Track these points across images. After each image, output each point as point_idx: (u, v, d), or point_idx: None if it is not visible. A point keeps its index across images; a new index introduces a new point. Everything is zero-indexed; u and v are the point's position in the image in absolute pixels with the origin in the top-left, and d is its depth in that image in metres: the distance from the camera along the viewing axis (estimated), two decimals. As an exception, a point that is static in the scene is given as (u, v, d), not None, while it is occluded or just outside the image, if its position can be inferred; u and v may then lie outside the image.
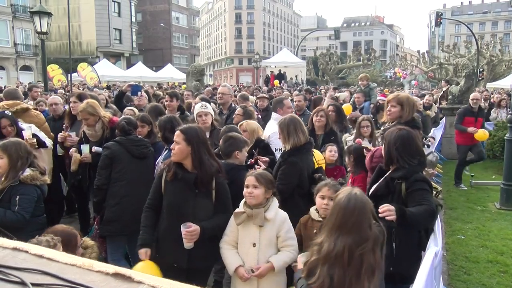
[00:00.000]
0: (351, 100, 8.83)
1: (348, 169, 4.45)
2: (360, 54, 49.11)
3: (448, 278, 4.64)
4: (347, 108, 8.19)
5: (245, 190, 3.00)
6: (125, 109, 5.72)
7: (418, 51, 55.92)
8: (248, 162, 3.97)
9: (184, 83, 22.52)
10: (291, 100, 7.14)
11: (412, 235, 3.12)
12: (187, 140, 3.06)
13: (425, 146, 4.65)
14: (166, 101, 6.21)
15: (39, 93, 9.12)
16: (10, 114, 4.67)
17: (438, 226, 3.32)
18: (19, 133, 4.55)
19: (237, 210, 3.05)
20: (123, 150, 4.11)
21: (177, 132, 3.14)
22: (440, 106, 12.10)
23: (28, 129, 4.68)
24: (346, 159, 4.41)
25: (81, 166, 4.81)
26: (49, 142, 5.05)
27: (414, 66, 49.74)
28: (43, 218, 3.63)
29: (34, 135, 4.69)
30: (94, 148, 4.66)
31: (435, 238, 3.20)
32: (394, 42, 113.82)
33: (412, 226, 2.98)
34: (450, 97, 11.50)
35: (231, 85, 11.12)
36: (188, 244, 2.95)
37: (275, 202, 3.09)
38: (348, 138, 5.36)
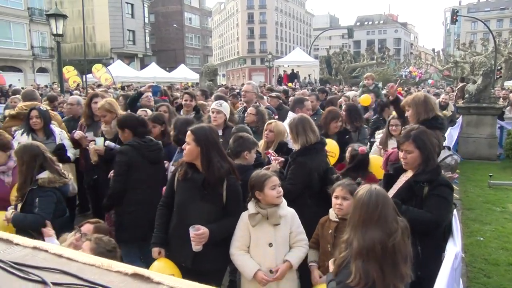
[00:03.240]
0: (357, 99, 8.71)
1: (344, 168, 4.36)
2: (373, 53, 48.65)
3: (468, 280, 4.54)
4: (366, 99, 8.04)
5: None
6: (138, 111, 5.72)
7: (433, 50, 55.27)
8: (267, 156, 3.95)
9: (197, 83, 22.62)
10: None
11: (436, 237, 3.04)
12: (197, 140, 3.04)
13: (445, 148, 4.50)
14: (186, 100, 6.21)
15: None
16: (44, 109, 4.88)
17: (456, 227, 3.25)
18: (46, 127, 4.88)
19: (250, 212, 3.02)
20: (139, 155, 3.95)
21: (188, 133, 3.12)
22: (457, 105, 11.93)
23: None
24: (347, 157, 4.34)
25: (98, 166, 4.86)
26: (71, 153, 5.09)
27: (429, 65, 49.16)
28: (66, 218, 3.70)
29: (59, 149, 4.75)
30: (107, 142, 4.75)
31: (454, 239, 3.12)
32: (408, 41, 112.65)
33: None
34: (466, 95, 11.32)
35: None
36: (196, 247, 2.90)
37: (283, 199, 3.09)
38: (378, 136, 5.27)
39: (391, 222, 2.20)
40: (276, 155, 4.02)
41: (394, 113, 5.23)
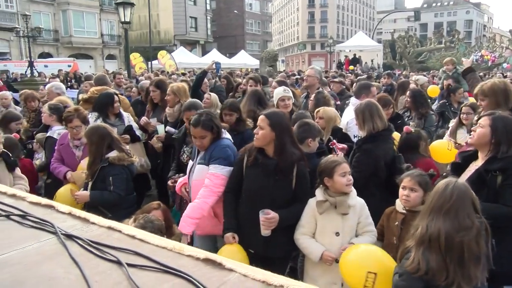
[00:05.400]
0: (440, 87, 8.20)
1: None
2: (442, 36, 45.86)
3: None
4: (433, 90, 7.62)
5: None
6: (205, 96, 5.74)
7: (510, 31, 50.98)
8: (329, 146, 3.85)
9: (257, 69, 22.67)
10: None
11: None
12: (272, 125, 3.00)
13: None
14: (250, 86, 6.22)
15: (122, 80, 9.69)
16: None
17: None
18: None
19: (318, 199, 2.96)
20: None
21: (262, 117, 3.07)
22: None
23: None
24: None
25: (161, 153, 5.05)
26: (139, 134, 5.31)
27: (504, 48, 45.43)
28: (133, 197, 3.88)
29: (128, 130, 4.97)
30: (167, 128, 4.89)
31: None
32: (481, 22, 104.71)
33: None
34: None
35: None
36: (265, 231, 2.93)
37: (353, 188, 3.00)
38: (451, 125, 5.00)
39: (463, 217, 2.08)
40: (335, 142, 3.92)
41: (464, 100, 4.87)
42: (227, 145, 3.35)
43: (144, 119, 5.41)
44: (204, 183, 3.22)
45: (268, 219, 2.88)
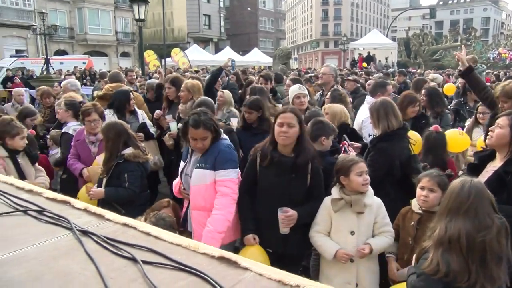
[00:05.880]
0: (456, 85, 8.08)
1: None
2: (458, 34, 45.20)
3: None
4: (449, 88, 7.51)
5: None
6: (219, 93, 5.69)
7: (529, 29, 49.92)
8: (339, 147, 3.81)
9: (270, 67, 22.62)
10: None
11: None
12: (300, 122, 2.99)
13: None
14: (261, 83, 6.21)
15: (134, 77, 9.73)
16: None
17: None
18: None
19: (333, 196, 2.94)
20: None
21: (290, 114, 2.99)
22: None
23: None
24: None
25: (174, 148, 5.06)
26: (153, 131, 5.35)
27: (523, 46, 44.54)
28: (147, 194, 3.91)
29: (142, 128, 5.01)
30: (180, 125, 4.85)
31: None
32: (498, 20, 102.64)
33: None
34: None
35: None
36: (284, 229, 2.93)
37: (370, 187, 2.96)
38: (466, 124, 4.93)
39: (483, 216, 2.03)
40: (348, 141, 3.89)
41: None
42: (229, 144, 3.17)
43: (157, 112, 5.43)
44: (205, 188, 3.02)
45: (287, 216, 2.87)
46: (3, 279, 0.98)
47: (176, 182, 3.46)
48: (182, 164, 3.33)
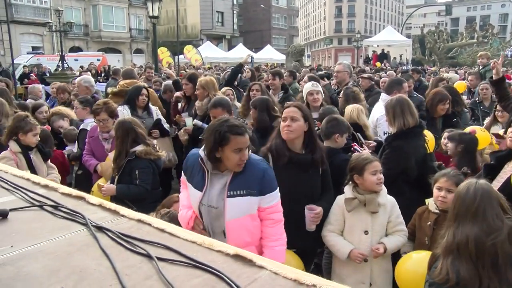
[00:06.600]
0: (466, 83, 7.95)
1: (451, 159, 3.89)
2: (474, 31, 44.37)
3: None
4: (460, 85, 7.41)
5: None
6: (224, 89, 5.72)
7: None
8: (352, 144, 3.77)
9: (283, 64, 22.55)
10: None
11: None
12: (305, 117, 2.93)
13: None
14: (272, 79, 6.19)
15: (152, 74, 9.80)
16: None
17: None
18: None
19: (347, 196, 2.91)
20: None
21: (293, 109, 2.96)
22: None
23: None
24: (450, 146, 3.80)
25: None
26: (167, 126, 5.39)
27: (542, 43, 43.55)
28: (159, 191, 3.89)
29: (157, 124, 5.04)
30: (195, 121, 4.90)
31: None
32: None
33: None
34: None
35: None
36: (312, 227, 2.90)
37: (384, 187, 2.93)
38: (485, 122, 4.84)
39: (492, 219, 1.97)
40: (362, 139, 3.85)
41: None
42: (262, 159, 2.62)
43: (178, 117, 5.46)
44: (251, 220, 2.43)
45: (316, 214, 2.85)
46: (22, 273, 0.98)
47: (185, 217, 2.55)
48: (195, 193, 2.48)
